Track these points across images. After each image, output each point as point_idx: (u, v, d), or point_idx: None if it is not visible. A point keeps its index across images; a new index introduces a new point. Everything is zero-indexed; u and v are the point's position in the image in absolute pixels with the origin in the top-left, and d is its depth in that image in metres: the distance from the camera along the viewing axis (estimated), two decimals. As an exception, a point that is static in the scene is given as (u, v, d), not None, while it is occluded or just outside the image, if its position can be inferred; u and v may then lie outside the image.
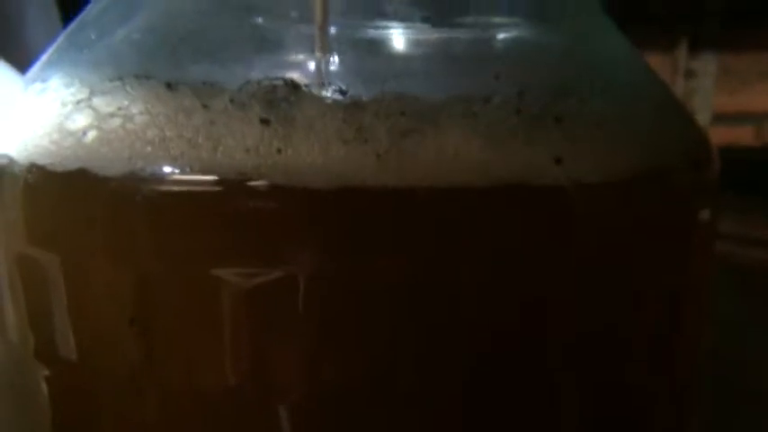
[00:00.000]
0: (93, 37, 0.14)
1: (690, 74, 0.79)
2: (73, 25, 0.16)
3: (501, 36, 0.15)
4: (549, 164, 0.12)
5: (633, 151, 0.13)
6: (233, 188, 0.11)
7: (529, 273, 0.12)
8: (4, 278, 0.14)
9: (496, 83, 0.13)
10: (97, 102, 0.13)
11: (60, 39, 0.16)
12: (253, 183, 0.11)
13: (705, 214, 0.16)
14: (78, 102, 0.13)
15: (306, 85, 0.12)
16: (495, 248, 0.12)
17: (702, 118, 0.79)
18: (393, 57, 0.13)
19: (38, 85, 0.14)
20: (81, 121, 0.13)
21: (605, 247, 0.13)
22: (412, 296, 0.12)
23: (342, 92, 0.12)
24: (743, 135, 0.80)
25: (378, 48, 0.13)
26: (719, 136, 0.77)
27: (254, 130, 0.12)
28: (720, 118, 0.81)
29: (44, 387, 0.14)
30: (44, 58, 0.15)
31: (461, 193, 0.12)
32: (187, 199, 0.12)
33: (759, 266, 0.31)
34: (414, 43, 0.13)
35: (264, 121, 0.12)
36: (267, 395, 0.12)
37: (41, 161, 0.13)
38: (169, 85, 0.12)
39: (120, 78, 0.13)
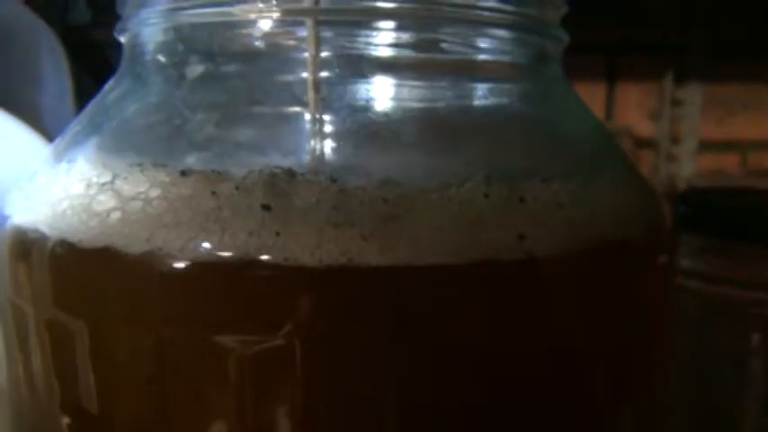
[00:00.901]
0: (114, 122, 0.16)
1: (676, 103, 0.81)
2: (92, 106, 0.18)
3: (476, 110, 0.17)
4: (513, 241, 0.14)
5: (591, 227, 0.15)
6: (237, 267, 0.13)
7: (497, 340, 0.14)
8: (33, 337, 0.16)
9: (467, 169, 0.15)
10: (120, 185, 0.15)
11: (82, 119, 0.17)
12: (254, 262, 0.13)
13: (661, 270, 0.18)
14: (103, 185, 0.15)
15: (301, 174, 0.14)
16: (467, 319, 0.14)
17: (689, 146, 0.81)
18: (378, 146, 0.15)
19: (65, 165, 0.16)
20: (106, 202, 0.14)
21: (568, 314, 0.15)
22: (394, 363, 0.13)
23: (332, 179, 0.14)
24: (729, 163, 0.82)
25: (365, 137, 0.15)
26: (706, 163, 0.79)
27: (255, 216, 0.14)
28: (707, 146, 0.83)
29: (62, 416, 0.15)
30: (69, 136, 0.17)
31: (436, 270, 0.14)
32: (198, 276, 0.13)
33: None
34: (396, 131, 0.15)
35: (265, 207, 0.14)
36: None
37: (71, 238, 0.14)
38: (183, 173, 0.14)
39: (140, 165, 0.15)
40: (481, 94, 0.17)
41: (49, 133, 0.29)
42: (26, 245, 0.15)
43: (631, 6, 0.71)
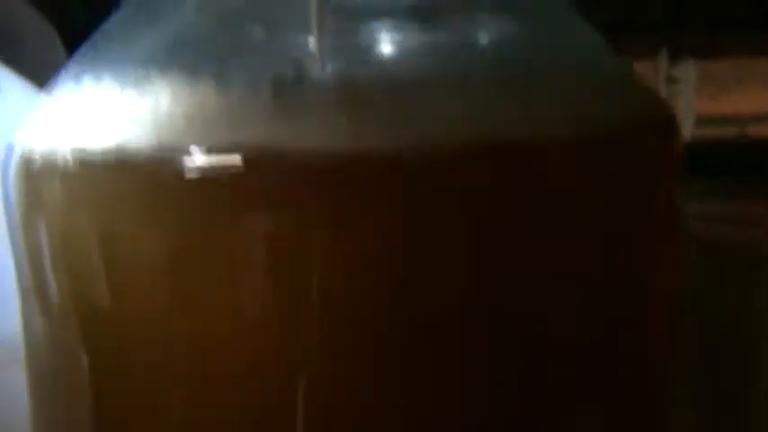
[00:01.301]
0: (118, 44, 0.16)
1: (672, 80, 0.81)
2: (96, 37, 0.18)
3: (476, 21, 0.17)
4: (517, 126, 0.14)
5: (593, 118, 0.15)
6: (250, 161, 0.13)
7: (497, 227, 0.14)
8: (45, 250, 0.16)
9: (473, 60, 0.15)
10: (128, 93, 0.15)
11: (84, 49, 0.18)
12: (267, 154, 0.13)
13: (666, 178, 0.18)
14: (111, 93, 0.15)
15: (311, 66, 0.14)
16: (474, 202, 0.14)
17: (687, 122, 0.81)
18: (383, 40, 0.15)
19: (71, 84, 0.16)
20: (115, 109, 0.14)
21: (569, 203, 0.15)
22: (406, 244, 0.13)
23: (340, 73, 0.14)
24: (726, 137, 0.82)
25: (369, 32, 0.15)
26: (704, 138, 0.79)
27: (267, 109, 0.14)
28: (704, 121, 0.84)
29: (81, 345, 0.15)
30: (73, 64, 0.17)
31: (442, 153, 0.14)
32: (211, 173, 0.14)
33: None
34: (401, 28, 0.15)
35: (276, 100, 0.14)
36: (283, 327, 0.14)
37: (80, 147, 0.15)
38: (191, 74, 0.14)
39: (147, 71, 0.15)
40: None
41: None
42: (36, 162, 0.15)
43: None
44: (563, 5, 0.19)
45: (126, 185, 0.14)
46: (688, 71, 0.80)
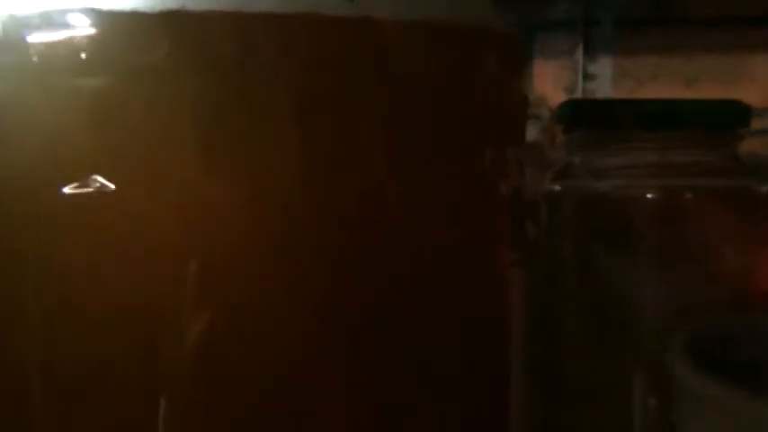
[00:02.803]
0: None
1: (588, 77, 0.84)
2: None
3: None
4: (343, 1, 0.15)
5: (419, 4, 0.17)
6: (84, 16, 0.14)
7: (317, 95, 0.15)
8: None
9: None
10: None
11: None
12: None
13: (500, 69, 0.19)
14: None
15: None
16: (295, 65, 0.15)
17: (604, 116, 0.84)
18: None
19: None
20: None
21: (387, 78, 0.16)
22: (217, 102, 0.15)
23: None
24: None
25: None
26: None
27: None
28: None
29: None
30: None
31: (267, 17, 0.15)
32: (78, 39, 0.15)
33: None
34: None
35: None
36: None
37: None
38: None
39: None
40: None
41: None
42: None
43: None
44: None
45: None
46: (604, 68, 0.84)
